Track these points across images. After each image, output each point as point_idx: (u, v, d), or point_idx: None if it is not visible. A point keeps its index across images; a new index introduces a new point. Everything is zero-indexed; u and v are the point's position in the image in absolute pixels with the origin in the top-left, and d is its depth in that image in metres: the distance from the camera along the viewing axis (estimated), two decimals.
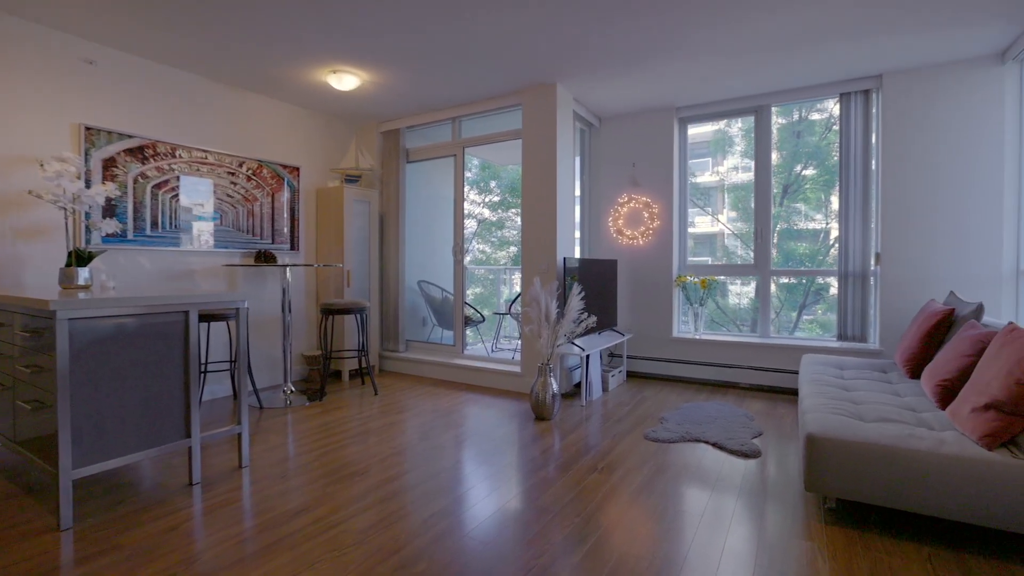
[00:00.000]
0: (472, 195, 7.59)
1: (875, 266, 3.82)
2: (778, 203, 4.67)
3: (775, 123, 4.34)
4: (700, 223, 5.44)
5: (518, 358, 4.49)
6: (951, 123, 3.52)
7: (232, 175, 4.00)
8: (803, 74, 3.74)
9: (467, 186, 4.85)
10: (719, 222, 5.41)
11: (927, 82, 3.57)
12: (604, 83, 3.94)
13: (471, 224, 7.56)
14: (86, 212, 3.17)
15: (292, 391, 3.87)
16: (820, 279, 4.99)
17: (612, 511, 2.12)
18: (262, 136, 4.25)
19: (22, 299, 2.03)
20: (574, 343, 3.76)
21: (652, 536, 1.93)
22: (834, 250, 4.58)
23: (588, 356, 3.79)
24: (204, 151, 3.82)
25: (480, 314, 5.25)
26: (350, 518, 2.06)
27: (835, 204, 4.20)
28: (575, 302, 3.44)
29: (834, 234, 4.67)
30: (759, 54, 3.39)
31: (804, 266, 4.86)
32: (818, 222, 5.06)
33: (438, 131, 4.98)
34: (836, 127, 4.17)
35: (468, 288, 5.54)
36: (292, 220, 4.47)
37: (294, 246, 4.49)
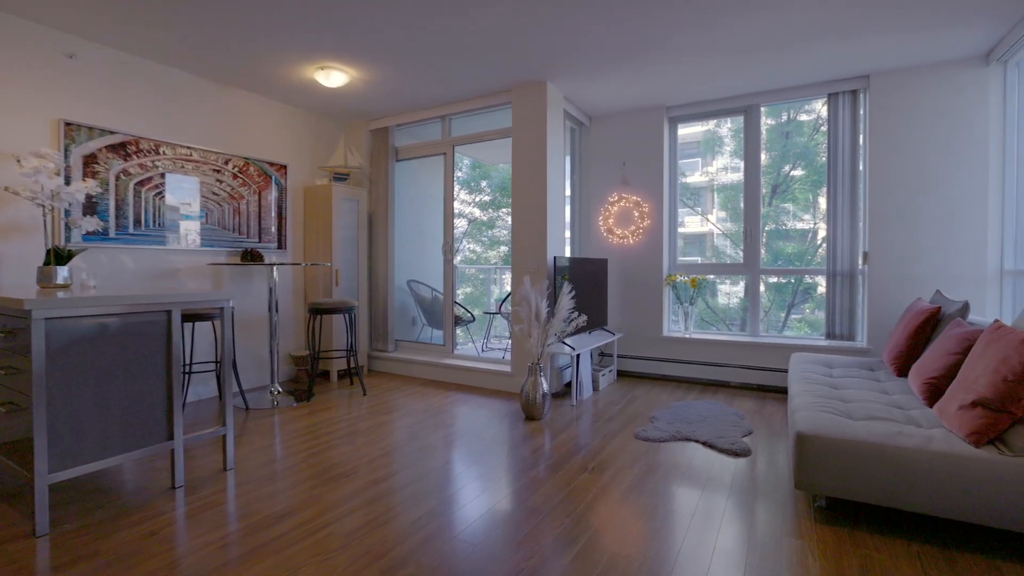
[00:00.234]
0: (463, 195, 7.55)
1: (863, 265, 3.84)
2: (767, 203, 4.69)
3: (764, 124, 4.35)
4: (690, 223, 5.45)
5: (508, 358, 4.46)
6: (937, 123, 3.55)
7: (218, 173, 3.94)
8: (792, 74, 3.75)
9: (457, 185, 4.82)
10: (709, 222, 5.43)
11: (913, 83, 3.60)
12: (595, 81, 3.93)
13: (461, 223, 7.53)
14: (65, 209, 3.09)
15: (279, 392, 3.81)
16: (808, 278, 5.02)
17: (603, 511, 2.11)
18: (248, 133, 4.18)
19: None
20: (564, 342, 3.75)
21: (643, 536, 1.91)
22: (822, 250, 4.61)
23: (578, 355, 3.78)
24: (189, 148, 3.75)
25: (470, 313, 5.22)
26: (336, 521, 2.02)
27: (823, 204, 4.23)
28: (565, 301, 3.42)
29: (821, 234, 4.70)
30: (749, 53, 3.40)
31: (792, 266, 4.89)
32: (806, 222, 5.09)
33: (428, 129, 4.94)
34: (824, 128, 4.19)
35: (458, 288, 5.51)
36: (279, 219, 4.41)
37: (281, 245, 4.43)
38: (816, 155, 4.83)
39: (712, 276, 4.71)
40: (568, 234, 4.80)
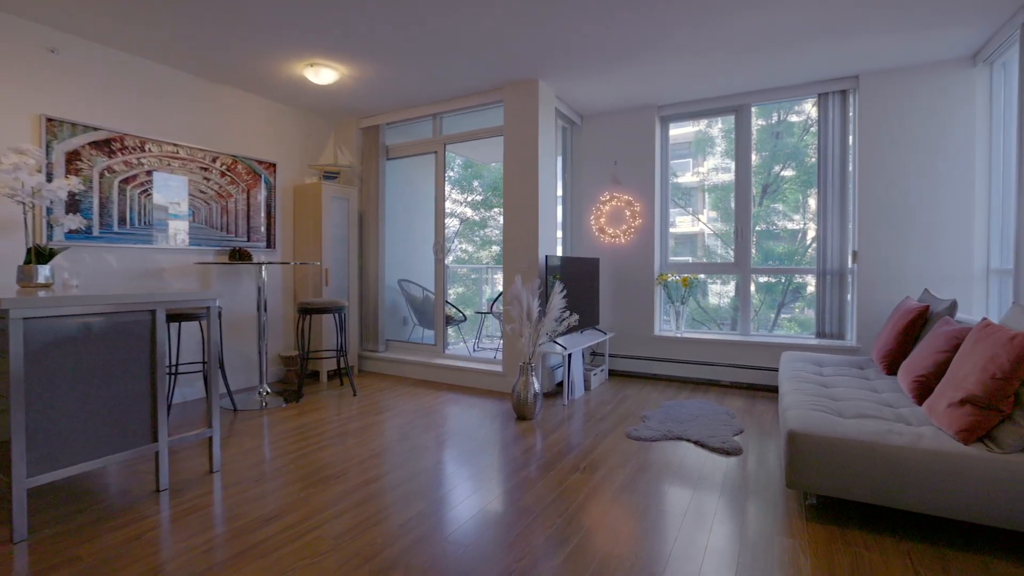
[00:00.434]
0: (454, 194, 7.52)
1: (852, 264, 3.87)
2: (757, 203, 4.71)
3: (755, 124, 4.37)
4: (681, 223, 5.47)
5: (500, 357, 4.44)
6: (925, 124, 3.58)
7: (205, 170, 3.88)
8: (783, 73, 3.77)
9: (449, 185, 4.79)
10: (700, 222, 5.45)
11: (902, 83, 3.63)
12: (586, 80, 3.92)
13: (453, 223, 7.50)
14: (47, 207, 3.03)
15: (268, 392, 3.76)
16: (798, 278, 5.05)
17: (594, 511, 2.09)
18: (237, 131, 4.13)
19: None
20: (556, 342, 3.74)
21: (635, 536, 1.90)
22: (811, 250, 4.64)
23: (570, 355, 3.76)
24: (175, 145, 3.69)
25: (462, 313, 5.19)
26: (325, 523, 1.99)
27: (813, 205, 4.25)
28: (557, 300, 3.40)
29: (811, 234, 4.73)
30: (740, 53, 3.40)
31: (782, 266, 4.91)
32: (796, 222, 5.12)
33: (419, 128, 4.91)
34: (814, 129, 4.22)
35: (450, 287, 5.48)
36: (268, 217, 4.35)
37: (271, 244, 4.38)
38: (806, 155, 4.86)
39: (703, 276, 4.72)
40: (560, 233, 4.79)
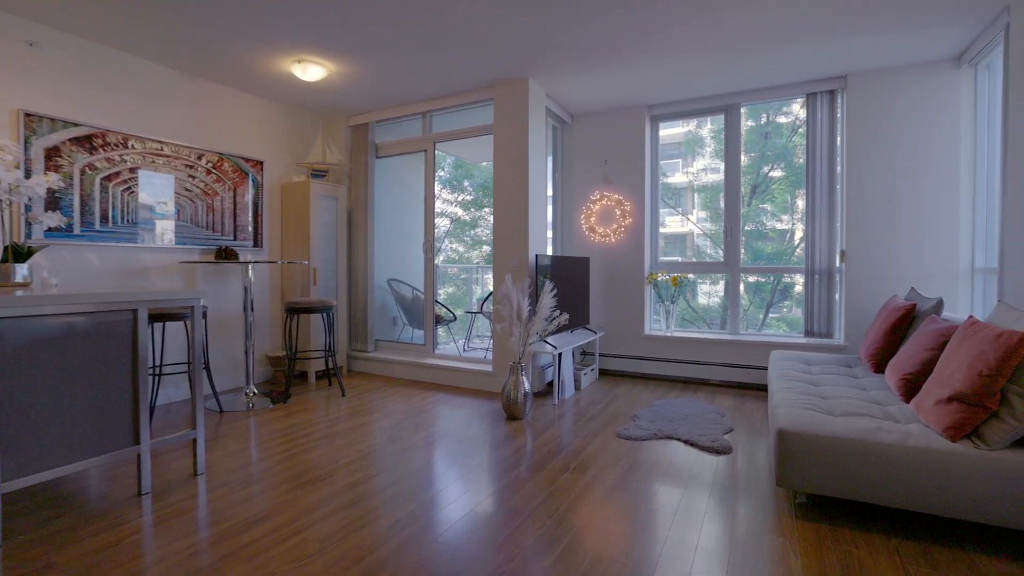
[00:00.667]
0: (445, 194, 7.48)
1: (840, 263, 3.90)
2: (746, 203, 4.74)
3: (744, 125, 4.39)
4: (671, 223, 5.49)
5: (490, 357, 4.42)
6: (911, 124, 3.61)
7: (190, 168, 3.81)
8: (772, 73, 3.78)
9: (440, 185, 4.76)
10: (690, 221, 5.47)
11: (889, 83, 3.66)
12: (577, 79, 3.91)
13: (444, 223, 7.46)
14: (26, 204, 2.95)
15: (255, 393, 3.71)
16: (787, 277, 5.09)
17: (585, 511, 2.08)
18: (223, 128, 4.06)
19: None
20: (546, 341, 3.72)
21: (625, 536, 1.89)
22: (799, 250, 4.67)
23: (560, 354, 3.75)
24: (159, 142, 3.62)
25: (452, 313, 5.16)
26: (312, 526, 1.96)
27: (801, 205, 4.28)
28: (547, 300, 3.39)
29: (799, 235, 4.77)
30: (730, 52, 3.41)
31: (771, 266, 4.94)
32: (784, 223, 5.15)
33: (408, 126, 4.87)
34: (802, 130, 4.25)
35: (441, 287, 5.45)
36: (256, 216, 4.29)
37: (258, 243, 4.32)
38: (794, 156, 4.90)
39: (693, 275, 4.73)
40: (550, 233, 4.78)
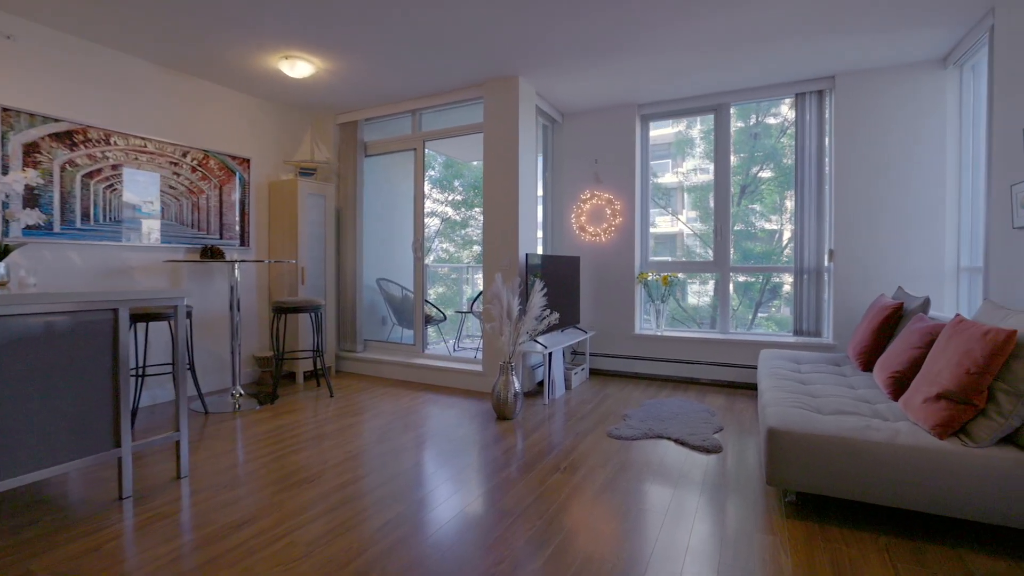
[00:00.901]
0: (435, 194, 7.44)
1: (829, 262, 3.92)
2: (736, 203, 4.75)
3: (734, 125, 4.40)
4: (661, 223, 5.50)
5: (480, 357, 4.40)
6: (898, 124, 3.65)
7: (175, 165, 3.75)
8: (761, 73, 3.80)
9: (431, 185, 4.72)
10: (680, 221, 5.48)
11: (876, 84, 3.69)
12: (567, 77, 3.90)
13: (434, 222, 7.41)
14: (2, 201, 2.88)
15: (241, 394, 3.65)
16: (776, 277, 5.12)
17: (575, 511, 2.07)
18: (208, 125, 4.00)
19: None
20: (536, 341, 3.70)
21: (616, 536, 1.88)
22: (788, 250, 4.70)
23: (551, 354, 3.74)
24: (143, 139, 3.55)
25: (441, 312, 5.12)
26: (299, 528, 1.92)
27: (790, 206, 4.30)
28: (537, 299, 3.37)
29: (788, 235, 4.80)
30: (720, 52, 3.42)
31: (760, 266, 4.96)
32: (773, 223, 5.19)
33: (398, 124, 4.83)
34: (791, 130, 4.27)
35: (431, 287, 5.41)
36: (242, 214, 4.23)
37: (244, 242, 4.25)
38: (783, 157, 4.93)
39: (683, 274, 4.74)
40: (540, 232, 4.76)
